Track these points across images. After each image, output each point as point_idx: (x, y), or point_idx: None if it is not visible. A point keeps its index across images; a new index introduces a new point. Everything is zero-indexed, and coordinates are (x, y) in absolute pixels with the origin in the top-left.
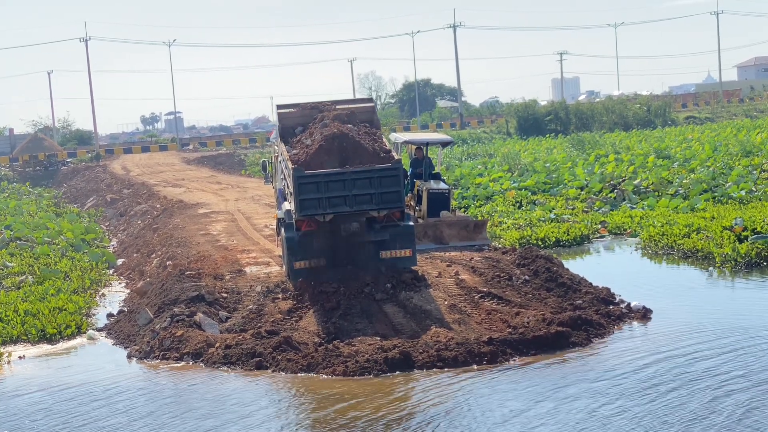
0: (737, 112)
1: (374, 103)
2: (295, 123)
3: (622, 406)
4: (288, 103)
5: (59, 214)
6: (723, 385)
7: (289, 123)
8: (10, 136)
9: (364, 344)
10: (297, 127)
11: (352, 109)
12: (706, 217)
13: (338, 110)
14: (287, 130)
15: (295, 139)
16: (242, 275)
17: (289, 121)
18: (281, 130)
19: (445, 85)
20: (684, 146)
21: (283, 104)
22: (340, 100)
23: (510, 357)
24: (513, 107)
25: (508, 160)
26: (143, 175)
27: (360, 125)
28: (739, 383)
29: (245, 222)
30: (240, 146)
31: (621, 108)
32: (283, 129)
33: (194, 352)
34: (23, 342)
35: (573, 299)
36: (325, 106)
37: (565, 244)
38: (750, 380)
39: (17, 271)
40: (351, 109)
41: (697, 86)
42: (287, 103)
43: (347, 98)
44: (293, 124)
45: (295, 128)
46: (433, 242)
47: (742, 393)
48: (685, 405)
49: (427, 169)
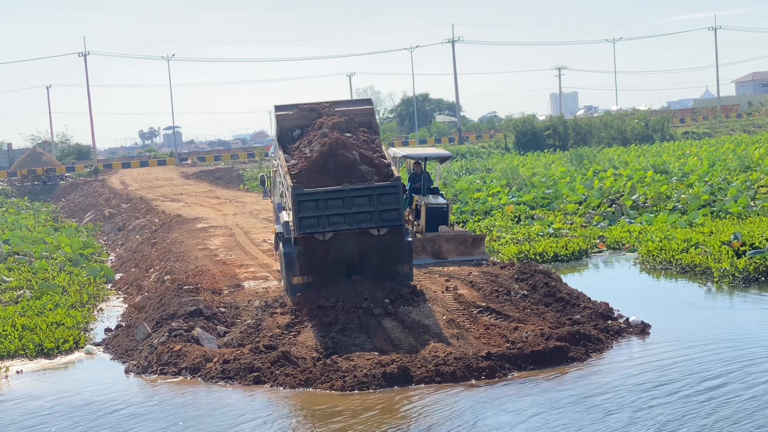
0: (735, 128)
1: (373, 105)
2: (293, 125)
3: (620, 420)
4: (286, 104)
5: (57, 228)
6: (722, 399)
7: (287, 125)
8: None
9: (363, 359)
10: (295, 129)
11: (351, 112)
12: (704, 232)
13: (337, 118)
14: (285, 132)
15: (293, 146)
16: (240, 290)
17: (287, 123)
18: (279, 131)
19: (444, 99)
20: (682, 161)
21: (281, 105)
22: (338, 101)
23: (508, 372)
24: (511, 122)
25: (507, 175)
26: (141, 189)
27: (359, 130)
28: (739, 398)
29: (243, 236)
30: (238, 161)
31: (619, 123)
32: (281, 131)
33: (192, 367)
34: (21, 357)
35: (571, 314)
36: (323, 109)
37: (563, 258)
38: (749, 395)
39: (15, 286)
40: (350, 112)
41: (696, 101)
42: (285, 104)
43: (346, 99)
44: (291, 126)
45: (293, 131)
46: (432, 257)
47: (742, 408)
48: (684, 419)
49: (425, 183)
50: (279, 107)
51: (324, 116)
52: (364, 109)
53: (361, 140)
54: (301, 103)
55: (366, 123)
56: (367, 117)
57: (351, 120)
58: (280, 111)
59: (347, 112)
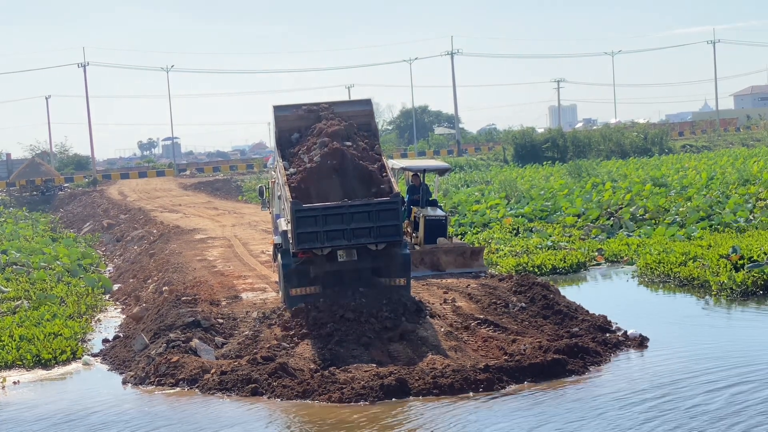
0: (734, 141)
1: (372, 106)
2: (292, 126)
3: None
4: (285, 105)
5: (56, 239)
6: (719, 413)
7: (286, 126)
8: (8, 160)
9: (360, 371)
10: (294, 132)
11: (350, 114)
12: (703, 246)
13: (336, 125)
14: (284, 134)
15: (292, 150)
16: (238, 301)
17: (286, 125)
18: (278, 133)
19: (443, 112)
20: (681, 174)
21: (281, 105)
22: (337, 102)
23: (506, 384)
24: (510, 134)
25: (505, 188)
26: (140, 200)
27: (358, 136)
28: (736, 411)
29: (242, 248)
30: (237, 172)
31: (618, 136)
32: (279, 132)
33: (190, 378)
34: (18, 367)
35: (569, 327)
36: (323, 111)
37: (561, 271)
38: (746, 408)
39: (13, 296)
40: (349, 114)
41: (694, 114)
42: (285, 104)
43: (345, 100)
44: (290, 128)
45: (292, 133)
46: (430, 269)
47: (739, 420)
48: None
49: (424, 195)
50: (278, 107)
51: (324, 120)
52: (363, 111)
53: (360, 148)
54: (302, 104)
55: (365, 125)
56: (366, 118)
57: (350, 126)
58: (280, 112)
59: (346, 115)
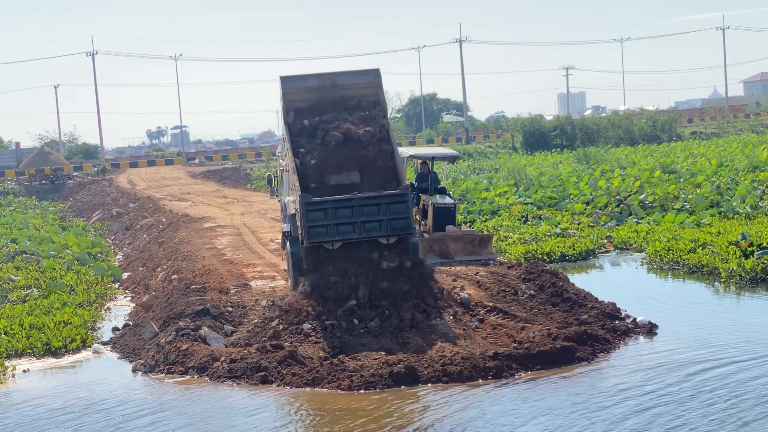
0: (743, 128)
1: (380, 77)
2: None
3: (627, 421)
4: (293, 75)
5: (65, 227)
6: (730, 400)
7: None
8: (17, 149)
9: (370, 359)
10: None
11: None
12: (712, 233)
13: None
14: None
15: (302, 141)
16: (247, 289)
17: (295, 97)
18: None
19: (451, 99)
20: (690, 161)
21: (288, 76)
22: (343, 73)
23: (515, 372)
24: (519, 122)
25: (514, 175)
26: (149, 189)
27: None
28: (746, 398)
29: (251, 236)
30: (246, 160)
31: (627, 123)
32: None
33: (199, 366)
34: (28, 356)
35: (578, 314)
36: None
37: (570, 258)
38: (756, 394)
39: (23, 285)
40: (355, 87)
41: (703, 101)
42: (292, 75)
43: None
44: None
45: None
46: (439, 257)
47: (748, 407)
48: (692, 420)
49: (432, 183)
50: (286, 79)
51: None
52: (371, 82)
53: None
54: (309, 76)
55: (373, 97)
56: (374, 90)
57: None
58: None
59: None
